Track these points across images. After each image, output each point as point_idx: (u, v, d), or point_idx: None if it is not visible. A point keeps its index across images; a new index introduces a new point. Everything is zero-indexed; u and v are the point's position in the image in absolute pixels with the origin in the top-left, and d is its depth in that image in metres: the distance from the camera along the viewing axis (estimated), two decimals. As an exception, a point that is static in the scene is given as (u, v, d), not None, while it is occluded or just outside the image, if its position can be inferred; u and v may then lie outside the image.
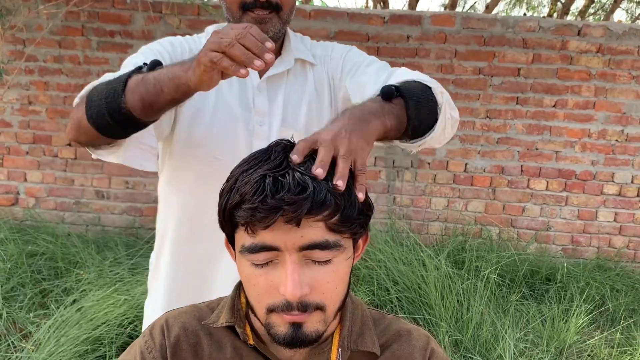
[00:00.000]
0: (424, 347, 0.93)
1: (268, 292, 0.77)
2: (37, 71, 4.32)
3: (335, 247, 0.76)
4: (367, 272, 3.68)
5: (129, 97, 0.99)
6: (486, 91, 4.34)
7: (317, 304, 0.77)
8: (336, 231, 0.76)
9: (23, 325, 3.07)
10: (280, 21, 1.30)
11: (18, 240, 3.85)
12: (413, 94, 1.07)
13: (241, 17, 1.28)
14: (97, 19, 4.25)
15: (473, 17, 4.31)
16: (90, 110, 1.04)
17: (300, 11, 4.24)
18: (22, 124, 4.39)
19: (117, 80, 1.03)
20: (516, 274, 4.04)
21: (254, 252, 0.75)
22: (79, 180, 4.44)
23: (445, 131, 1.18)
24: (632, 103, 4.31)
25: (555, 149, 4.40)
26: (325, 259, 0.76)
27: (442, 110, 1.15)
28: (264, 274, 0.77)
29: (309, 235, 0.73)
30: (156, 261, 1.46)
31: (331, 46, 1.45)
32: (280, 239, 0.73)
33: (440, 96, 1.15)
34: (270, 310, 0.78)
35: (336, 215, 0.75)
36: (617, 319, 3.67)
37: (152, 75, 0.99)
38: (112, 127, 1.03)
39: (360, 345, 0.89)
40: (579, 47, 4.24)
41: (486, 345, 3.18)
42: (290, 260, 0.74)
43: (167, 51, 1.31)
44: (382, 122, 0.96)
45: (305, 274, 0.76)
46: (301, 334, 0.78)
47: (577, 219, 4.49)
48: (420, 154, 4.42)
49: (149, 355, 0.88)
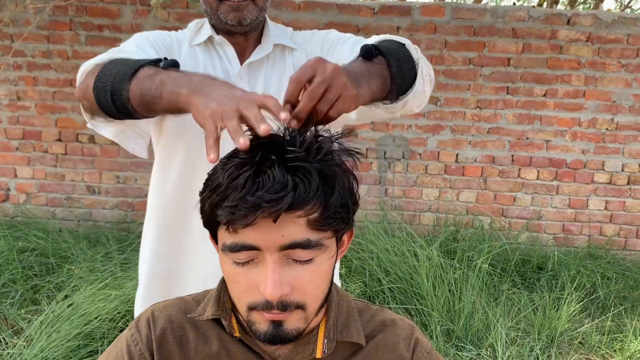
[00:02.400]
0: (409, 336, 0.93)
1: (249, 291, 0.77)
2: (26, 66, 4.29)
3: (317, 246, 0.75)
4: (359, 263, 3.69)
5: (133, 87, 0.99)
6: (476, 81, 4.34)
7: (298, 302, 0.77)
8: (318, 229, 0.75)
9: (14, 321, 3.07)
10: (256, 8, 1.32)
11: (9, 237, 3.84)
12: (392, 51, 1.08)
13: (218, 7, 1.30)
14: (85, 13, 4.22)
15: (463, 7, 4.31)
16: (97, 82, 1.05)
17: (289, 3, 4.23)
18: (11, 120, 4.36)
19: (131, 65, 1.02)
20: (508, 263, 4.06)
21: (235, 251, 0.75)
22: (70, 176, 4.42)
23: (425, 89, 1.19)
24: (622, 91, 4.32)
25: (545, 138, 4.41)
26: (306, 258, 0.76)
27: (419, 66, 1.16)
28: (245, 273, 0.76)
29: (290, 234, 0.73)
30: (142, 248, 1.49)
31: (311, 33, 1.46)
32: (261, 238, 0.72)
33: (415, 52, 1.17)
34: (251, 308, 0.78)
35: (318, 211, 0.74)
36: (607, 307, 3.69)
37: (161, 76, 0.97)
38: (110, 107, 1.04)
39: (345, 336, 0.89)
40: (569, 36, 4.25)
41: (478, 334, 3.20)
42: (271, 260, 0.74)
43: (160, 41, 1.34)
44: (369, 85, 0.96)
45: (286, 273, 0.75)
46: (281, 331, 0.78)
47: (568, 207, 4.51)
48: (412, 145, 4.42)
49: (135, 348, 0.88)
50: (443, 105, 4.38)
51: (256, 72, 1.39)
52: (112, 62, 1.07)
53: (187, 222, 1.37)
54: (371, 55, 1.02)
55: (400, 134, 4.42)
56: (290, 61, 1.41)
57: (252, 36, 1.40)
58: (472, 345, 3.11)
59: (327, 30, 1.44)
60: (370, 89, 0.96)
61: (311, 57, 1.37)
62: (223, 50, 1.39)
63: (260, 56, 1.39)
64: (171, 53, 1.36)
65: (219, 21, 1.33)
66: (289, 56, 1.42)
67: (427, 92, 1.22)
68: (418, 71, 1.15)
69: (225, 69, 1.38)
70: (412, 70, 1.13)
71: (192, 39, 1.40)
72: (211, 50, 1.39)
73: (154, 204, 1.44)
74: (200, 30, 1.41)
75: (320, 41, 1.41)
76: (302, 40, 1.44)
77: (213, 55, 1.39)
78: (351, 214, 0.81)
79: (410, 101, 1.16)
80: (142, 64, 1.01)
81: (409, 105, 1.18)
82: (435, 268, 3.52)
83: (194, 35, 1.40)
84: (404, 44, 1.16)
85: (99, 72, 1.06)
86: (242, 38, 1.38)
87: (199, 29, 1.42)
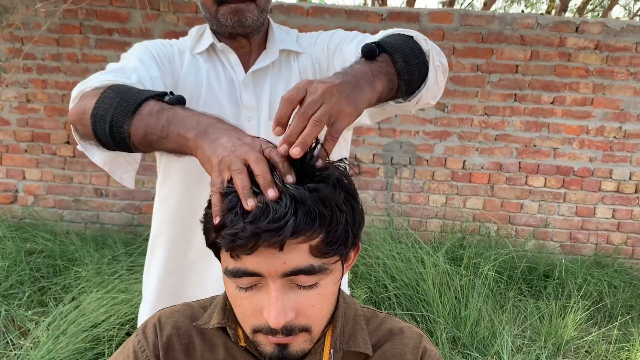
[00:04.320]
0: (416, 346, 0.92)
1: (253, 314, 0.76)
2: (35, 69, 4.32)
3: (320, 271, 0.73)
4: (365, 269, 3.69)
5: (137, 123, 0.92)
6: (484, 88, 4.34)
7: (303, 326, 0.76)
8: (321, 256, 0.73)
9: (22, 323, 3.08)
10: (257, 8, 1.28)
11: (17, 238, 3.86)
12: (396, 46, 1.03)
13: (217, 10, 1.27)
14: (95, 17, 4.25)
15: (471, 14, 4.31)
16: (96, 110, 0.98)
17: (298, 9, 4.24)
18: (20, 122, 4.39)
19: (134, 97, 0.95)
20: (514, 270, 4.04)
21: (238, 277, 0.73)
22: (78, 178, 4.44)
23: (438, 80, 1.15)
24: (630, 100, 4.31)
25: (553, 145, 4.40)
26: (310, 283, 0.74)
27: (431, 58, 1.11)
28: (248, 297, 0.75)
29: (293, 261, 0.71)
30: (149, 261, 1.46)
31: (317, 34, 1.42)
32: (263, 265, 0.71)
33: (425, 43, 1.11)
34: (256, 331, 0.77)
35: (320, 236, 0.72)
36: (614, 316, 3.67)
37: (167, 114, 0.90)
38: (107, 139, 0.98)
39: (352, 345, 0.88)
40: (577, 43, 4.24)
41: (484, 341, 3.19)
42: (274, 287, 0.72)
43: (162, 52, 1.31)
44: (373, 87, 0.92)
45: (289, 298, 0.74)
46: (287, 353, 0.77)
47: (575, 215, 4.50)
48: (419, 151, 4.42)
49: (142, 355, 0.88)
50: (450, 112, 4.38)
51: (262, 81, 1.35)
52: (114, 89, 1.00)
53: (193, 238, 1.35)
54: (374, 54, 0.98)
55: (407, 140, 4.42)
56: (295, 67, 1.38)
57: (256, 40, 1.36)
58: (478, 353, 3.10)
59: (333, 31, 1.39)
60: (376, 90, 0.93)
61: (317, 61, 1.37)
62: (226, 57, 1.35)
63: (266, 63, 1.35)
64: (173, 64, 1.33)
65: (220, 25, 1.29)
66: (294, 61, 1.38)
67: (441, 83, 1.17)
68: (430, 62, 1.10)
69: (229, 77, 1.35)
70: (422, 64, 1.08)
71: (193, 48, 1.36)
72: (214, 59, 1.36)
73: (160, 218, 1.42)
74: (201, 37, 1.37)
75: (326, 43, 1.36)
76: (308, 43, 1.40)
77: (216, 64, 1.36)
78: (356, 235, 0.79)
79: (424, 95, 1.12)
80: (147, 97, 0.95)
81: (424, 98, 1.13)
82: (441, 275, 3.51)
83: (195, 43, 1.37)
84: (412, 37, 1.11)
85: (98, 99, 0.99)
86: (245, 42, 1.35)
87: (200, 36, 1.38)
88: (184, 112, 0.90)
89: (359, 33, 1.33)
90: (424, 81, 1.10)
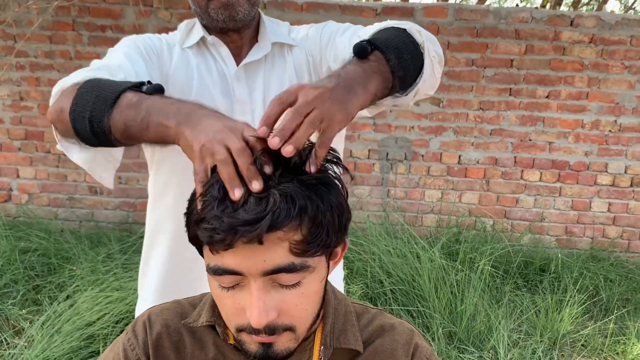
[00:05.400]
0: (408, 342, 0.90)
1: (235, 314, 0.75)
2: (28, 67, 4.29)
3: (302, 269, 0.71)
4: (361, 264, 3.69)
5: (116, 116, 0.90)
6: (479, 83, 4.33)
7: (286, 325, 0.75)
8: (302, 254, 0.71)
9: (16, 321, 3.07)
10: (248, 2, 1.26)
11: (11, 237, 3.84)
12: (389, 43, 1.00)
13: (207, 5, 1.25)
14: (88, 14, 4.23)
15: (465, 8, 4.30)
16: (74, 106, 0.96)
17: (292, 4, 4.23)
18: (14, 120, 4.36)
19: (112, 89, 0.93)
20: (510, 265, 4.04)
21: (219, 275, 0.72)
22: (72, 176, 4.43)
23: (435, 71, 1.13)
24: (625, 93, 4.31)
25: (548, 139, 4.40)
26: (292, 282, 0.72)
27: (426, 49, 1.09)
28: (231, 296, 0.74)
29: (273, 259, 0.69)
30: (147, 259, 1.44)
31: (308, 27, 1.40)
32: (243, 263, 0.69)
33: (419, 35, 1.09)
34: (240, 330, 0.76)
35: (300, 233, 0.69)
36: (610, 309, 3.68)
37: (146, 104, 0.88)
38: (88, 135, 0.95)
39: (342, 342, 0.87)
40: (572, 37, 4.24)
41: (480, 336, 3.19)
42: (255, 287, 0.71)
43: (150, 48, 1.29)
44: (366, 88, 0.89)
45: (272, 297, 0.72)
46: (272, 352, 0.76)
47: (571, 209, 4.50)
48: (414, 146, 4.41)
49: (132, 353, 0.87)
50: (445, 107, 4.38)
51: (254, 74, 1.34)
52: (90, 84, 0.97)
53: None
54: (366, 52, 0.96)
55: (402, 135, 4.41)
56: (290, 60, 1.36)
57: (247, 33, 1.35)
58: (474, 348, 3.10)
59: (324, 23, 1.37)
60: (369, 92, 0.90)
61: (311, 54, 1.35)
62: (217, 51, 1.34)
63: (258, 57, 1.33)
64: (162, 59, 1.30)
65: (210, 19, 1.27)
66: (288, 54, 1.37)
67: (438, 73, 1.15)
68: (425, 55, 1.08)
69: (220, 70, 1.33)
70: (417, 57, 1.06)
71: (183, 42, 1.34)
72: (204, 52, 1.34)
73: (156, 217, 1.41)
74: (191, 31, 1.36)
75: (319, 36, 1.34)
76: (300, 37, 1.38)
77: (207, 58, 1.34)
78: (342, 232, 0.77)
79: (421, 88, 1.10)
80: (124, 89, 0.92)
81: (422, 91, 1.12)
82: (437, 270, 3.51)
83: (185, 37, 1.35)
84: (405, 29, 1.08)
85: (75, 95, 0.96)
86: (237, 36, 1.33)
87: (189, 30, 1.36)
88: (162, 101, 0.88)
89: (351, 25, 1.31)
90: (420, 74, 1.08)
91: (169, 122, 0.83)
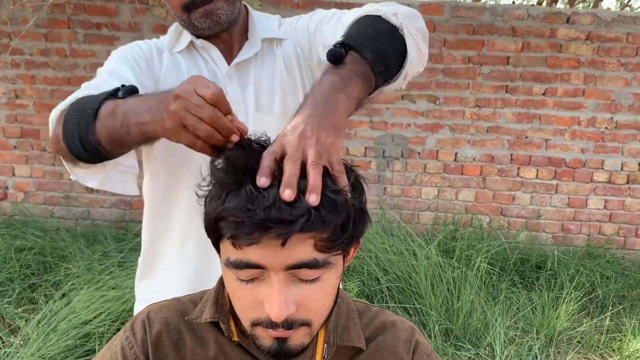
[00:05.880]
0: (409, 339, 0.92)
1: (253, 307, 0.75)
2: (24, 64, 4.28)
3: (324, 265, 0.72)
4: (357, 262, 3.68)
5: (99, 129, 0.91)
6: (475, 80, 4.33)
7: (303, 320, 0.75)
8: (325, 251, 0.71)
9: (11, 320, 3.06)
10: (226, 3, 1.25)
11: (6, 235, 3.83)
12: (364, 38, 0.98)
13: (190, 17, 1.24)
14: (83, 11, 4.21)
15: (462, 5, 4.30)
16: (65, 132, 0.97)
17: (288, 1, 4.22)
18: (9, 118, 4.35)
19: (90, 104, 0.94)
20: (506, 262, 4.05)
21: (239, 269, 0.72)
22: (68, 174, 4.38)
23: (421, 48, 1.10)
24: (621, 90, 4.31)
25: (544, 137, 4.40)
26: (313, 277, 0.73)
27: (405, 31, 1.05)
28: (249, 289, 0.74)
29: (297, 254, 0.69)
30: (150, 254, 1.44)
31: (297, 18, 1.39)
32: (267, 257, 0.69)
33: (395, 18, 1.05)
34: (255, 324, 0.76)
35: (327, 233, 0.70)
36: (606, 306, 3.68)
37: (122, 109, 0.89)
38: (84, 154, 0.97)
39: (345, 340, 0.88)
40: (568, 34, 4.24)
41: (476, 333, 3.19)
42: (277, 281, 0.71)
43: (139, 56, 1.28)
44: (348, 95, 0.88)
45: (292, 292, 0.72)
46: (286, 347, 0.76)
47: (567, 206, 4.50)
48: (410, 144, 4.41)
49: (130, 351, 0.86)
50: (442, 104, 4.37)
51: (246, 72, 1.33)
52: (73, 106, 1.00)
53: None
54: (341, 57, 0.93)
55: (399, 132, 4.41)
56: (279, 54, 1.35)
57: (236, 30, 1.34)
58: (471, 345, 3.10)
59: (312, 12, 1.35)
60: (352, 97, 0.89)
61: (300, 45, 1.35)
62: (207, 53, 1.33)
63: (249, 55, 1.32)
64: (152, 65, 1.30)
65: (196, 29, 1.27)
66: (277, 49, 1.36)
67: (424, 50, 1.12)
68: (406, 36, 1.05)
69: (212, 72, 1.32)
70: (397, 43, 1.03)
71: (172, 47, 1.33)
72: (195, 55, 1.34)
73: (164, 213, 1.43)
74: (180, 35, 1.34)
75: (306, 25, 1.33)
76: (290, 28, 1.37)
77: (198, 60, 1.33)
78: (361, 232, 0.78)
79: (410, 70, 1.08)
80: (101, 100, 0.94)
81: (411, 72, 1.10)
82: (433, 267, 3.51)
83: (175, 42, 1.34)
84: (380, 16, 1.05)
85: (64, 120, 0.98)
86: (227, 35, 1.32)
87: (179, 34, 1.35)
88: (135, 101, 0.90)
89: (337, 10, 1.28)
90: (405, 57, 1.06)
91: (144, 118, 0.85)
